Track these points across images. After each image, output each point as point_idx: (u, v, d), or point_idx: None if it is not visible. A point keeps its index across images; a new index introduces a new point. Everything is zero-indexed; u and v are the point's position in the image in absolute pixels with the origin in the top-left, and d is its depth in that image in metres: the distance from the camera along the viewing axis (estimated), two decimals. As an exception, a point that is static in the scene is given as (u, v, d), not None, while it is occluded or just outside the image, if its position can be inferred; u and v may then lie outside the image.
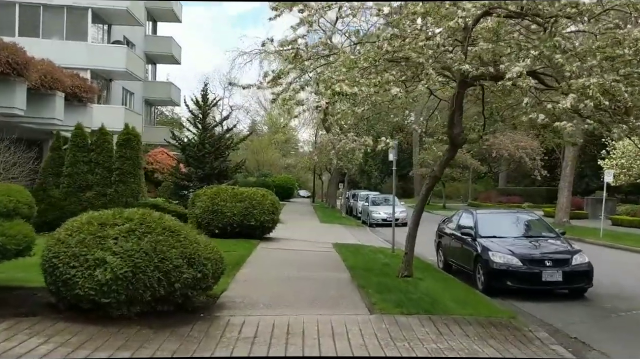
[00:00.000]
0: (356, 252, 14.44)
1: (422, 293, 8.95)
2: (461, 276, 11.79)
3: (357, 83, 6.83)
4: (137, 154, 17.46)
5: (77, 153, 17.06)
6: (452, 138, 9.15)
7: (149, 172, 33.77)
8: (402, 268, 10.17)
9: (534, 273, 10.01)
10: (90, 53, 27.43)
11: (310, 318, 7.11)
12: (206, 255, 6.74)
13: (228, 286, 8.87)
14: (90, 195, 16.90)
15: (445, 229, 13.53)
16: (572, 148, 29.35)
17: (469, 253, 11.32)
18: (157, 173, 32.06)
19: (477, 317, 7.77)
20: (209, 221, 15.66)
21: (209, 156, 23.08)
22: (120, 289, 6.05)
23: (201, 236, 7.22)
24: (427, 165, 44.18)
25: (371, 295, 8.60)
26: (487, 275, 10.41)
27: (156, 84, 39.06)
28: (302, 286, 9.19)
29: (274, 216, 16.19)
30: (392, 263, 12.44)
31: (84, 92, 22.67)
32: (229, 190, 16.24)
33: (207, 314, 6.98)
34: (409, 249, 10.16)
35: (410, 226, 10.21)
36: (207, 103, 24.06)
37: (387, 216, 27.61)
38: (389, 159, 14.97)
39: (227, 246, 13.59)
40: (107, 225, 6.51)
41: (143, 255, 6.20)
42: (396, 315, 7.48)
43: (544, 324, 8.31)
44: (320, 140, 34.95)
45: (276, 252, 13.76)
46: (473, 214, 12.23)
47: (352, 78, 6.97)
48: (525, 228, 11.93)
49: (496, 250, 10.50)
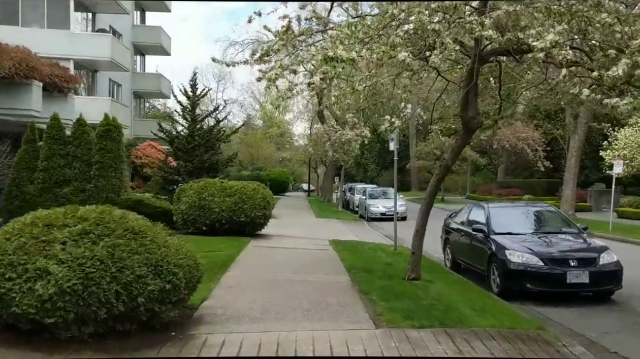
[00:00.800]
0: (355, 250, 13.29)
1: (434, 299, 7.81)
2: (471, 276, 10.68)
3: (356, 48, 5.64)
4: (118, 146, 16.23)
5: (53, 146, 15.83)
6: (465, 122, 7.99)
7: (138, 166, 32.53)
8: (409, 269, 9.02)
9: (557, 274, 8.86)
10: (72, 42, 26.06)
11: (304, 334, 5.96)
12: (177, 261, 5.56)
13: (210, 293, 7.70)
14: (68, 190, 15.70)
15: (453, 225, 12.39)
16: (577, 139, 28.28)
17: (482, 251, 10.18)
18: (147, 167, 30.80)
19: (500, 329, 6.63)
20: (196, 217, 14.49)
21: (198, 149, 21.84)
22: (68, 306, 4.87)
23: (173, 238, 6.03)
24: (425, 158, 43.20)
25: (376, 302, 7.45)
26: (504, 276, 9.27)
27: (145, 76, 37.70)
28: (295, 292, 8.02)
29: (265, 211, 15.00)
30: (395, 263, 11.31)
31: (64, 81, 21.41)
32: (217, 184, 15.04)
33: (180, 332, 5.80)
34: (416, 248, 8.99)
35: (418, 223, 9.04)
36: (196, 93, 22.81)
37: (386, 210, 26.54)
38: (390, 149, 13.78)
39: (214, 244, 12.47)
40: (55, 226, 5.32)
41: (97, 263, 5.02)
42: (406, 329, 6.33)
43: (576, 335, 7.20)
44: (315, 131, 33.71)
45: (268, 251, 12.58)
46: (485, 208, 11.07)
47: (351, 48, 5.80)
48: (543, 223, 10.77)
49: (513, 248, 9.35)
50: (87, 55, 26.56)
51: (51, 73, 20.33)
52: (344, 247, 13.63)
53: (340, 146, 27.89)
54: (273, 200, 16.31)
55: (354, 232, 19.76)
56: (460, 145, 8.41)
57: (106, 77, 30.85)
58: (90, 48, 26.50)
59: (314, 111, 35.75)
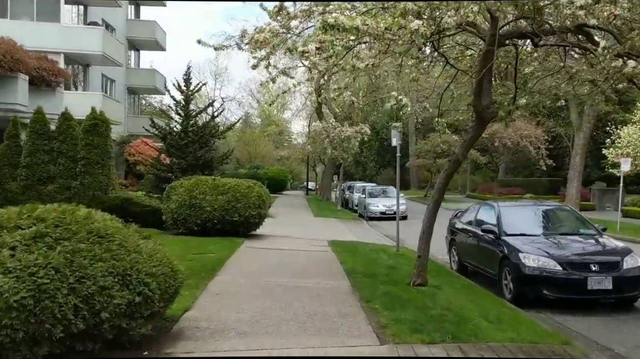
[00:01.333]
0: (355, 251, 12.50)
1: (443, 308, 7.03)
2: (479, 279, 9.93)
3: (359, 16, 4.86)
4: (105, 142, 15.45)
5: (36, 141, 15.07)
6: (479, 112, 7.21)
7: (132, 164, 31.76)
8: (415, 274, 8.24)
9: (577, 280, 8.07)
10: (63, 35, 25.25)
11: (300, 352, 5.18)
12: (150, 269, 4.77)
13: (195, 301, 6.92)
14: (52, 188, 14.94)
15: (459, 225, 11.61)
16: (582, 136, 27.54)
17: (492, 254, 9.40)
18: (140, 165, 30.00)
19: (521, 344, 5.85)
20: (186, 217, 13.69)
21: (192, 145, 20.99)
22: (16, 323, 4.08)
23: (148, 241, 5.23)
24: (424, 156, 42.46)
25: (379, 312, 6.67)
26: (518, 281, 8.49)
27: (139, 71, 36.83)
28: (290, 299, 7.24)
29: (260, 210, 14.17)
30: (398, 265, 10.54)
31: (52, 75, 20.67)
32: (209, 181, 14.23)
33: (155, 351, 5.01)
34: (422, 251, 8.20)
35: (425, 224, 8.23)
36: (190, 88, 21.97)
37: (386, 209, 25.79)
38: (392, 144, 12.99)
39: (204, 246, 11.69)
40: (6, 228, 4.54)
41: (52, 272, 4.23)
42: (415, 344, 5.55)
43: (603, 349, 6.44)
44: (313, 129, 32.89)
45: (262, 253, 11.78)
46: (494, 207, 10.28)
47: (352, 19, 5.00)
48: (558, 224, 10.00)
49: (528, 251, 8.57)
50: (78, 49, 25.74)
51: (38, 66, 19.57)
52: (344, 248, 12.85)
53: (340, 143, 27.09)
54: (269, 198, 15.51)
55: (353, 232, 18.98)
56: (473, 137, 7.62)
57: (99, 72, 30.01)
58: (81, 41, 25.66)
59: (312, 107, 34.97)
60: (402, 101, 5.73)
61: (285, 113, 65.12)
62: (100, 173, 15.19)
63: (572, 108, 27.53)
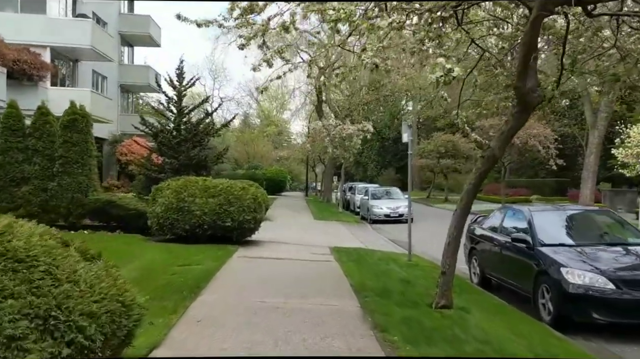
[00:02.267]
0: (362, 261, 11.12)
1: (479, 340, 5.64)
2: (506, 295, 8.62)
3: None
4: (86, 139, 14.07)
5: (10, 138, 13.69)
6: (522, 96, 5.83)
7: (124, 163, 30.41)
8: (438, 294, 6.85)
9: (635, 301, 6.71)
10: (49, 28, 23.82)
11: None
12: (87, 306, 3.38)
13: (168, 333, 5.52)
14: (27, 190, 13.57)
15: (480, 231, 10.23)
16: (597, 134, 26.25)
17: (525, 267, 8.02)
18: (132, 165, 28.60)
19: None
20: (173, 221, 12.33)
21: (185, 144, 19.63)
22: None
23: (93, 265, 3.84)
24: (427, 156, 41.08)
25: (400, 348, 5.28)
26: (559, 301, 7.11)
27: (132, 68, 35.40)
28: (286, 330, 5.84)
29: (256, 214, 12.78)
30: (413, 279, 9.17)
31: (34, 68, 19.29)
32: (199, 183, 12.86)
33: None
34: (448, 267, 6.81)
35: (451, 233, 6.82)
36: (182, 83, 20.57)
37: (390, 211, 24.40)
38: (403, 140, 11.63)
39: (191, 255, 10.31)
40: None
41: None
42: (453, 400, 4.18)
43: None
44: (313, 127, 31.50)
45: (257, 264, 10.38)
46: (525, 212, 8.89)
47: None
48: (603, 232, 8.60)
49: (571, 265, 7.19)
50: (65, 43, 24.32)
51: (18, 58, 18.22)
52: (349, 257, 11.47)
53: (341, 142, 25.74)
54: (267, 200, 14.13)
55: (357, 236, 17.63)
56: (513, 127, 6.23)
57: (89, 68, 28.59)
58: (69, 34, 24.23)
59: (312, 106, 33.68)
60: (452, 71, 4.35)
61: (285, 114, 63.80)
62: (79, 173, 13.81)
63: (587, 106, 26.21)
